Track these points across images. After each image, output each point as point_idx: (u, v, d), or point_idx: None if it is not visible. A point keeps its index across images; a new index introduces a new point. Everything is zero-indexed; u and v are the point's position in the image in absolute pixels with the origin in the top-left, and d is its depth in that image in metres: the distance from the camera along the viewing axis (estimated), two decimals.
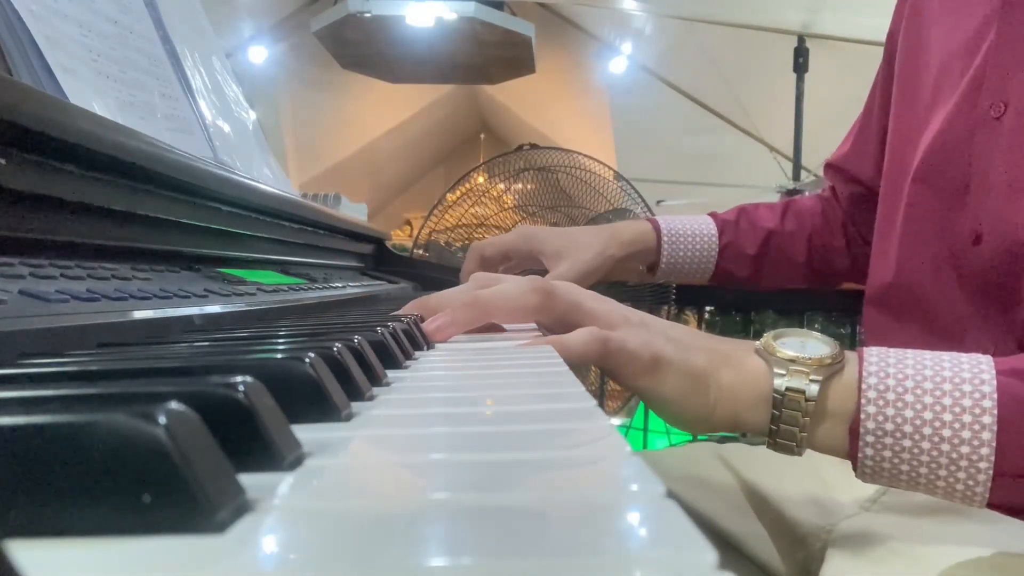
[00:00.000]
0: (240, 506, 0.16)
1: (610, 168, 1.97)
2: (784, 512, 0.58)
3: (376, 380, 0.32)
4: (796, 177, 3.76)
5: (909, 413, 0.40)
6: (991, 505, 0.41)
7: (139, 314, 0.43)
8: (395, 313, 0.54)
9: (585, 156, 1.97)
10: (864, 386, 0.41)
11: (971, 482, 0.39)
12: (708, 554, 0.13)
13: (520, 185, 2.03)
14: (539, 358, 0.39)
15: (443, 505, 0.17)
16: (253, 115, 0.98)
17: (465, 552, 0.14)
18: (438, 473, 0.19)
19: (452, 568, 0.13)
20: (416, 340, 0.45)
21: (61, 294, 0.38)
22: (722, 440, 0.85)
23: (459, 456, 0.21)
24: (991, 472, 0.39)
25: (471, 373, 0.38)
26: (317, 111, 4.73)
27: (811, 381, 0.42)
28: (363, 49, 3.18)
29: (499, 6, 2.98)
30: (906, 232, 0.65)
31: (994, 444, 0.38)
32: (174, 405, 0.16)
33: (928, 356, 0.42)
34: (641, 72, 4.36)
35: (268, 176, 0.94)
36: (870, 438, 0.41)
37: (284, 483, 0.18)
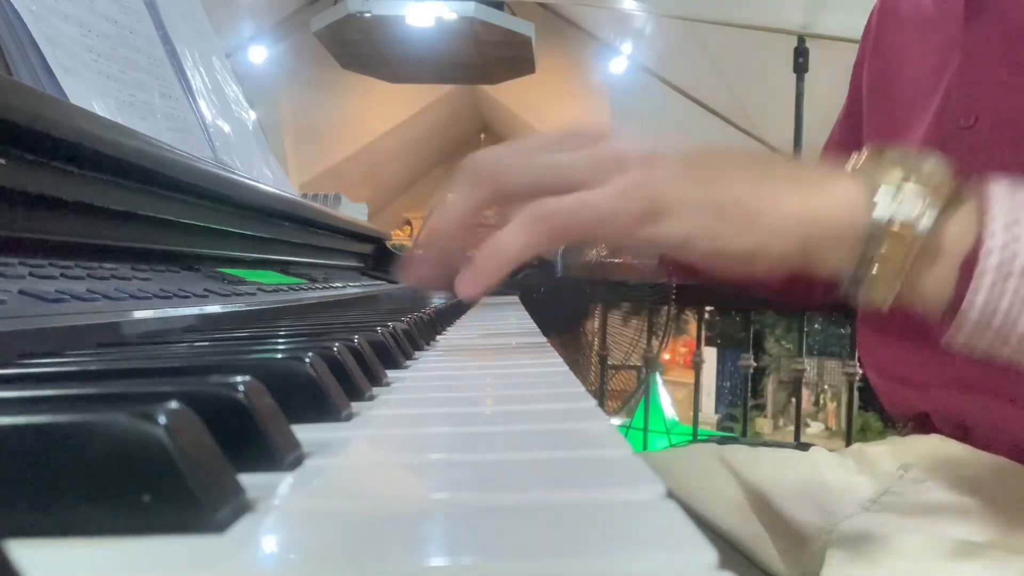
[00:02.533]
0: (240, 506, 0.16)
1: None
2: (784, 512, 0.58)
3: (376, 380, 0.32)
4: None
5: None
6: None
7: (139, 314, 0.43)
8: (415, 242, 0.44)
9: None
10: (993, 213, 0.33)
11: None
12: (708, 554, 0.13)
13: None
14: (539, 358, 0.39)
15: (443, 505, 0.17)
16: (253, 115, 0.98)
17: (465, 552, 0.14)
18: (438, 473, 0.19)
19: (452, 568, 0.13)
20: (416, 340, 0.45)
21: (61, 294, 0.38)
22: (722, 441, 0.85)
23: (459, 456, 0.21)
24: None
25: (471, 373, 0.38)
26: (317, 111, 4.72)
27: (925, 209, 0.33)
28: (363, 49, 3.18)
29: (499, 6, 2.98)
30: None
31: None
32: (174, 405, 0.16)
33: None
34: (641, 72, 4.35)
35: (268, 176, 0.94)
36: (988, 279, 0.32)
37: (284, 483, 0.18)
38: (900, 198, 0.34)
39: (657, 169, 0.36)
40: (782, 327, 3.32)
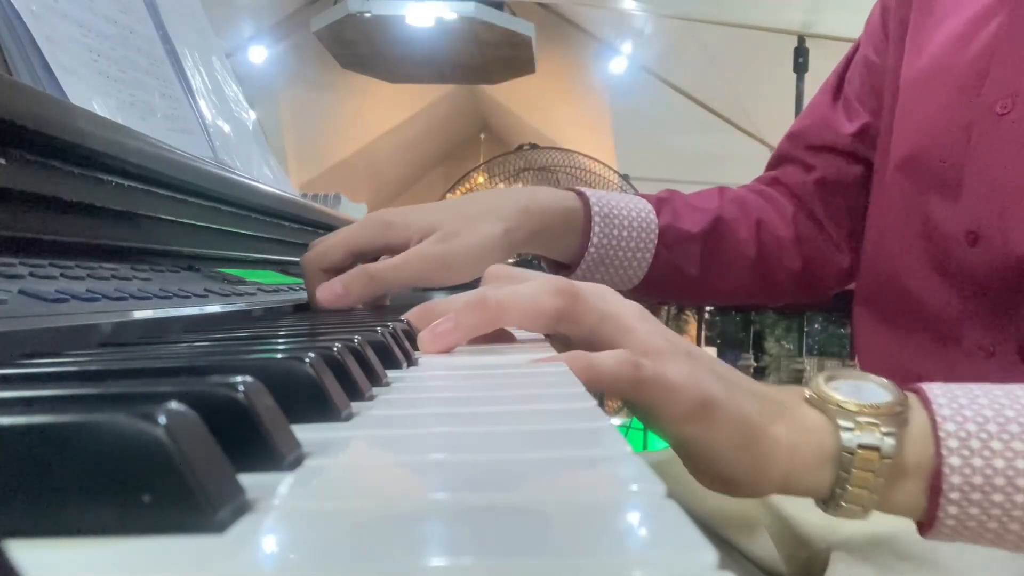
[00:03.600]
0: (240, 506, 0.16)
1: (610, 168, 1.97)
2: (788, 513, 0.58)
3: (376, 380, 0.32)
4: None
5: (999, 463, 0.35)
6: None
7: (139, 314, 0.43)
8: (404, 316, 0.49)
9: (585, 156, 1.97)
10: (942, 434, 0.36)
11: None
12: (708, 554, 0.13)
13: (520, 185, 2.03)
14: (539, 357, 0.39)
15: (443, 505, 0.17)
16: (253, 115, 0.99)
17: (465, 552, 0.14)
18: (438, 473, 0.19)
19: (452, 568, 0.13)
20: (416, 340, 0.45)
21: (61, 294, 0.38)
22: None
23: (459, 456, 0.21)
24: None
25: (471, 373, 0.38)
26: (317, 111, 4.72)
27: (884, 435, 0.36)
28: (363, 49, 3.18)
29: (499, 6, 2.97)
30: (892, 227, 0.62)
31: None
32: (174, 405, 0.16)
33: (998, 390, 0.37)
34: (641, 72, 4.36)
35: (268, 176, 0.94)
36: (955, 495, 0.35)
37: (284, 483, 0.18)
38: (862, 425, 0.36)
39: (706, 365, 0.38)
40: (782, 327, 3.32)
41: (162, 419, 0.15)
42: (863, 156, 0.71)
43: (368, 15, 2.82)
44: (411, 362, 0.39)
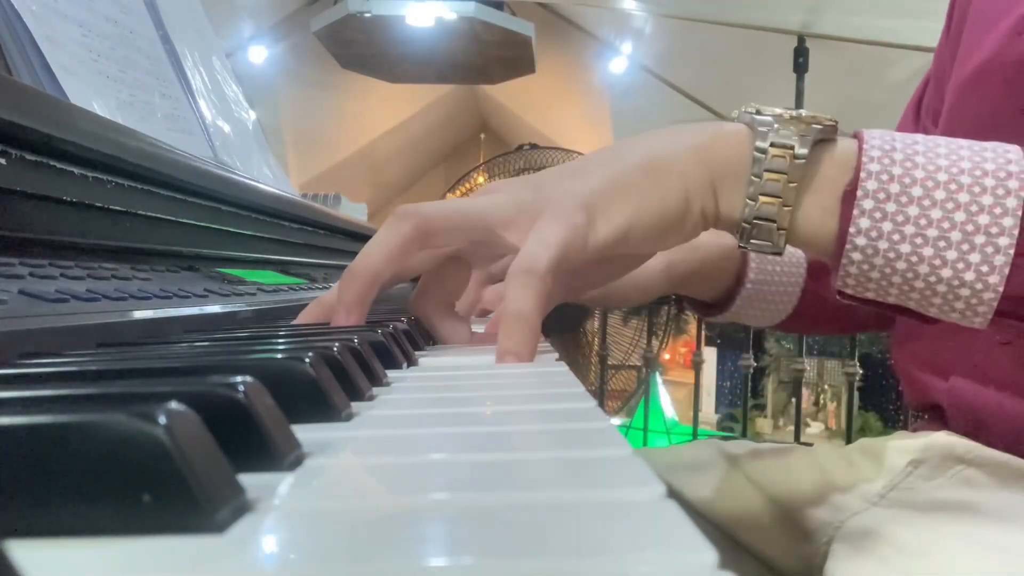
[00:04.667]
0: (240, 506, 0.16)
1: None
2: (790, 508, 0.58)
3: (376, 380, 0.32)
4: None
5: (919, 173, 0.33)
6: (1000, 309, 0.33)
7: (139, 314, 0.43)
8: (295, 322, 0.49)
9: None
10: (866, 146, 0.34)
11: (985, 267, 0.32)
12: (708, 554, 0.13)
13: None
14: (539, 358, 0.39)
15: (443, 505, 0.17)
16: (253, 115, 0.99)
17: (465, 552, 0.14)
18: (438, 473, 0.19)
19: (452, 568, 0.13)
20: (416, 340, 0.45)
21: (61, 294, 0.38)
22: (724, 440, 0.85)
23: (459, 456, 0.21)
24: (1012, 252, 0.31)
25: (471, 373, 0.38)
26: (317, 111, 4.72)
27: (800, 137, 0.35)
28: (363, 49, 3.18)
29: (499, 6, 2.97)
30: None
31: (1020, 215, 0.31)
32: (174, 405, 0.16)
33: (942, 141, 0.35)
34: (641, 72, 4.35)
35: (268, 176, 0.94)
36: (868, 203, 0.33)
37: (284, 483, 0.18)
38: (779, 130, 0.35)
39: (564, 185, 0.38)
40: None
41: (162, 419, 0.15)
42: None
43: (368, 15, 2.82)
44: (411, 362, 0.39)
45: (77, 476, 0.15)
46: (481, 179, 2.02)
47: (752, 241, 0.37)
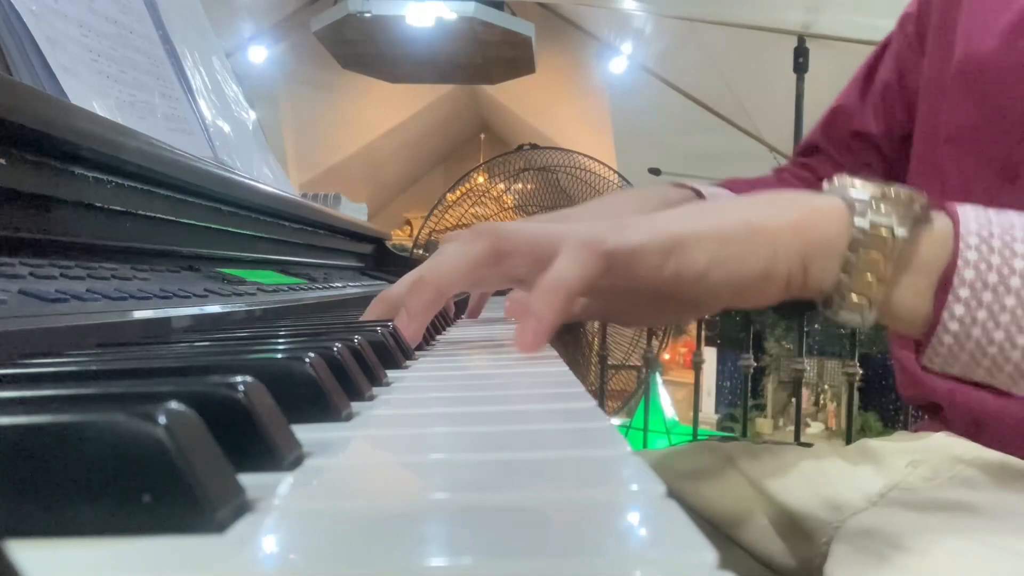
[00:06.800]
0: (240, 506, 0.16)
1: (610, 168, 1.97)
2: (790, 508, 0.58)
3: (376, 380, 0.32)
4: None
5: (1019, 264, 0.32)
6: None
7: (139, 314, 0.43)
8: (362, 318, 0.50)
9: (585, 156, 1.97)
10: (962, 231, 0.33)
11: None
12: (708, 554, 0.13)
13: (520, 185, 2.03)
14: (539, 358, 0.39)
15: (443, 505, 0.17)
16: (253, 115, 0.99)
17: (465, 552, 0.14)
18: (438, 473, 0.19)
19: (452, 568, 0.13)
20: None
21: (61, 294, 0.38)
22: (723, 440, 0.85)
23: (459, 456, 0.21)
24: None
25: (471, 373, 0.38)
26: (317, 111, 4.72)
27: (900, 219, 0.34)
28: (363, 49, 3.18)
29: (499, 6, 2.97)
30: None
31: None
32: (174, 405, 0.16)
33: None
34: (641, 72, 4.35)
35: (268, 176, 0.94)
36: (965, 292, 0.33)
37: (284, 483, 0.18)
38: (877, 208, 0.35)
39: (654, 220, 0.38)
40: (782, 327, 3.32)
41: (162, 419, 0.15)
42: (887, 153, 0.71)
43: (368, 15, 2.82)
44: (411, 361, 0.39)
45: (77, 476, 0.15)
46: (481, 179, 2.02)
47: (841, 313, 0.37)
